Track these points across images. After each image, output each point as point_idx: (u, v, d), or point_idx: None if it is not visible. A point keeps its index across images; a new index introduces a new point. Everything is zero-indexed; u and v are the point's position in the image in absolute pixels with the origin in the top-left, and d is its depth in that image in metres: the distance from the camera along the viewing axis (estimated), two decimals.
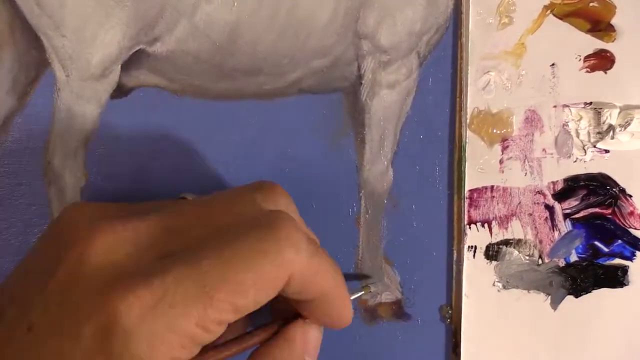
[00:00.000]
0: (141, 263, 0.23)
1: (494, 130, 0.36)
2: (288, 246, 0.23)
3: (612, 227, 0.37)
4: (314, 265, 0.24)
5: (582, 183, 0.37)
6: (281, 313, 0.28)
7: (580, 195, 0.37)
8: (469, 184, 0.37)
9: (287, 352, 0.26)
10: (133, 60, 0.33)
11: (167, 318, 0.21)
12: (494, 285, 0.37)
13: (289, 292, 0.24)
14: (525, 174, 0.37)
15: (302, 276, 0.23)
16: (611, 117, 0.36)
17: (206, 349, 0.24)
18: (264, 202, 0.26)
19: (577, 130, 0.37)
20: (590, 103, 0.36)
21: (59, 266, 0.23)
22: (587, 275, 0.37)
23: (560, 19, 0.36)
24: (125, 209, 0.26)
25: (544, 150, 0.37)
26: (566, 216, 0.37)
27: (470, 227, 0.37)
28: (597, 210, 0.37)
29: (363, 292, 0.35)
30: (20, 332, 0.23)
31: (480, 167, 0.37)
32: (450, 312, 0.37)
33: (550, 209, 0.37)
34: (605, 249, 0.37)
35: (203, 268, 0.22)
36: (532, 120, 0.37)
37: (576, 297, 0.37)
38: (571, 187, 0.37)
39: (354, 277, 0.36)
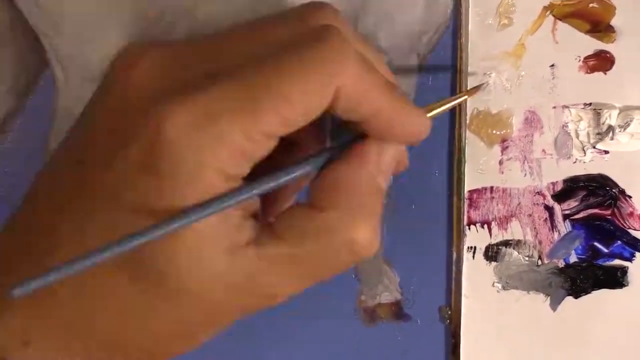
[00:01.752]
0: (187, 79, 0.22)
1: (494, 131, 0.36)
2: (334, 57, 0.22)
3: (611, 228, 0.37)
4: (362, 79, 0.23)
5: (581, 184, 0.37)
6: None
7: (580, 196, 0.37)
8: (468, 185, 0.37)
9: (355, 171, 0.24)
10: None
11: (214, 130, 0.21)
12: (493, 286, 0.37)
13: (340, 110, 0.23)
14: (525, 174, 0.37)
15: (350, 91, 0.22)
16: (611, 118, 0.36)
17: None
18: (312, 18, 0.24)
19: (576, 131, 0.37)
20: (590, 104, 0.36)
21: (105, 96, 0.23)
22: (586, 276, 0.37)
23: (560, 19, 0.36)
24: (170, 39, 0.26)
25: (543, 151, 0.37)
26: (566, 217, 0.37)
27: (469, 228, 0.37)
28: (596, 211, 0.37)
29: (466, 96, 0.33)
30: (70, 168, 0.23)
31: (480, 167, 0.37)
32: (449, 312, 0.37)
33: (549, 209, 0.37)
34: (605, 250, 0.37)
35: (248, 80, 0.22)
36: (532, 121, 0.37)
37: (575, 297, 0.37)
38: (571, 188, 0.37)
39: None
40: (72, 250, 0.21)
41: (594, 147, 0.37)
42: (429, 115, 0.27)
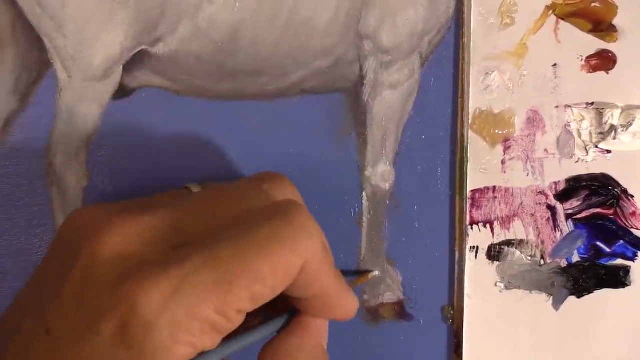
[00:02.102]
0: (156, 254, 0.23)
1: (496, 131, 0.36)
2: (303, 233, 0.23)
3: (614, 227, 0.37)
4: (322, 257, 0.24)
5: (584, 183, 0.37)
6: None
7: (582, 196, 0.37)
8: (471, 185, 0.37)
9: (305, 339, 0.26)
10: (135, 61, 0.33)
11: (187, 305, 0.21)
12: (496, 285, 0.37)
13: (296, 286, 0.24)
14: (527, 174, 0.37)
15: (313, 265, 0.23)
16: (613, 117, 0.36)
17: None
18: (273, 191, 0.26)
19: (579, 130, 0.37)
20: (592, 103, 0.36)
21: (72, 267, 0.23)
22: (589, 275, 0.37)
23: (562, 19, 0.36)
24: (132, 205, 0.25)
25: (546, 150, 0.37)
26: (568, 216, 0.37)
27: (472, 228, 0.37)
28: (599, 210, 0.37)
29: (364, 280, 0.35)
30: (39, 338, 0.23)
31: (482, 167, 0.37)
32: (452, 312, 0.37)
33: (552, 209, 0.37)
34: (607, 250, 0.37)
35: (221, 256, 0.22)
36: (534, 120, 0.37)
37: (578, 297, 0.37)
38: (573, 187, 0.37)
39: (354, 273, 0.36)
40: None
41: (597, 147, 0.37)
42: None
